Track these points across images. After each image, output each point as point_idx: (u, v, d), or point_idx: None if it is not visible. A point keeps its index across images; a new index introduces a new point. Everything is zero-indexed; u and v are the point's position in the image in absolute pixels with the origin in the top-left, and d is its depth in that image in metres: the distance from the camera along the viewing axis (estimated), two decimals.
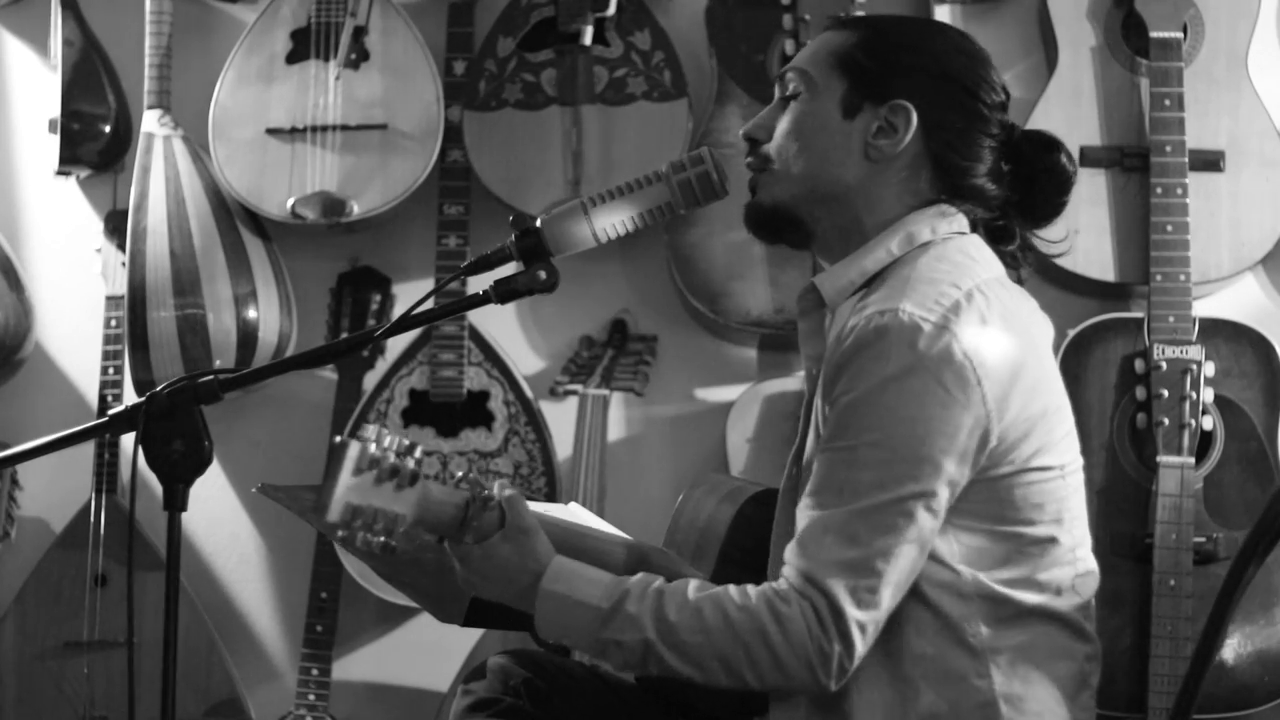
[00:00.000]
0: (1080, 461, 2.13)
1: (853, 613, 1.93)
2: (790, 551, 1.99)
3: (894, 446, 1.95)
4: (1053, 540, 2.05)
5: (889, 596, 1.95)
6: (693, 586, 2.00)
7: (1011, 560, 2.02)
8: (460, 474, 2.02)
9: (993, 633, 2.01)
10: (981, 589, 2.01)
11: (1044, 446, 2.03)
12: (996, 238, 2.17)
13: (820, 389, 2.03)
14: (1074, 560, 2.08)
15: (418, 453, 1.93)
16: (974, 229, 2.15)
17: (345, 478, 1.87)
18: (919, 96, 2.11)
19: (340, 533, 1.90)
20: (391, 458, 1.91)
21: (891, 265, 2.09)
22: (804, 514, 1.99)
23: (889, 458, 1.95)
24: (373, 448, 1.89)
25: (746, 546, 2.18)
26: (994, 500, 2.01)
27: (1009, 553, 2.02)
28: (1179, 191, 3.35)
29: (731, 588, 1.99)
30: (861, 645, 1.95)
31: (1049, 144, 2.18)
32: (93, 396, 3.89)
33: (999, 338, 1.99)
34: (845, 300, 2.11)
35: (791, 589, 1.96)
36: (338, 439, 1.89)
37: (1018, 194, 2.16)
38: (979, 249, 2.12)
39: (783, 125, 2.17)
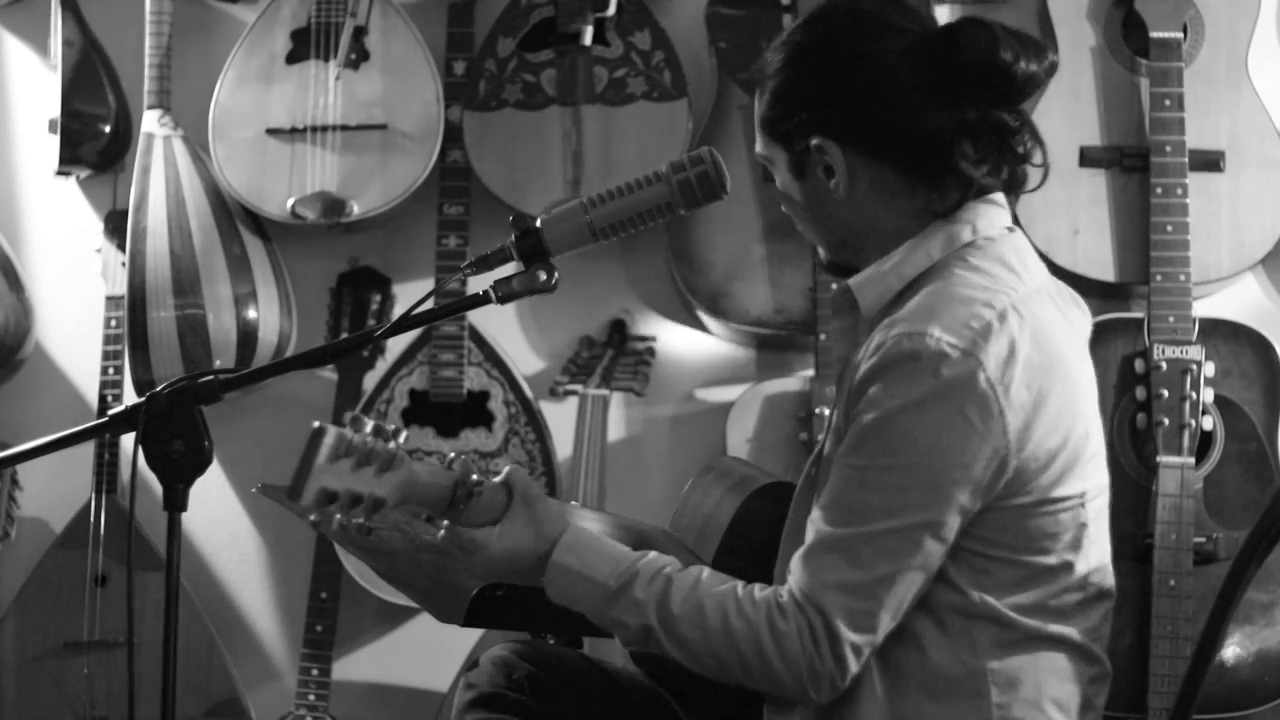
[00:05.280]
0: (1105, 482, 2.11)
1: (848, 635, 1.95)
2: (795, 563, 2.00)
3: (909, 473, 1.94)
4: (1066, 568, 2.03)
5: (887, 621, 1.96)
6: (704, 577, 2.01)
7: (1022, 585, 2.01)
8: (450, 456, 2.02)
9: (996, 654, 2.01)
10: (989, 611, 2.00)
11: (1065, 475, 2.01)
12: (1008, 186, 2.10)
13: (845, 397, 2.02)
14: (1086, 586, 2.06)
15: (401, 437, 1.93)
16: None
17: (320, 463, 1.86)
18: (826, 127, 2.06)
19: (313, 517, 1.89)
20: (370, 441, 1.90)
21: (930, 270, 2.05)
22: (813, 527, 2.00)
23: (903, 484, 1.94)
24: (350, 433, 1.88)
25: (747, 539, 2.18)
26: (1008, 529, 2.00)
27: (1020, 578, 2.01)
28: (1179, 191, 3.35)
29: (739, 589, 2.00)
30: (855, 665, 1.96)
31: (951, 33, 2.02)
32: (93, 396, 3.89)
33: (1027, 365, 1.96)
34: (881, 306, 2.09)
35: (792, 603, 1.97)
36: (315, 424, 1.87)
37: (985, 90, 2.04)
38: (1021, 255, 2.08)
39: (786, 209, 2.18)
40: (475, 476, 2.00)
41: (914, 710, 2.00)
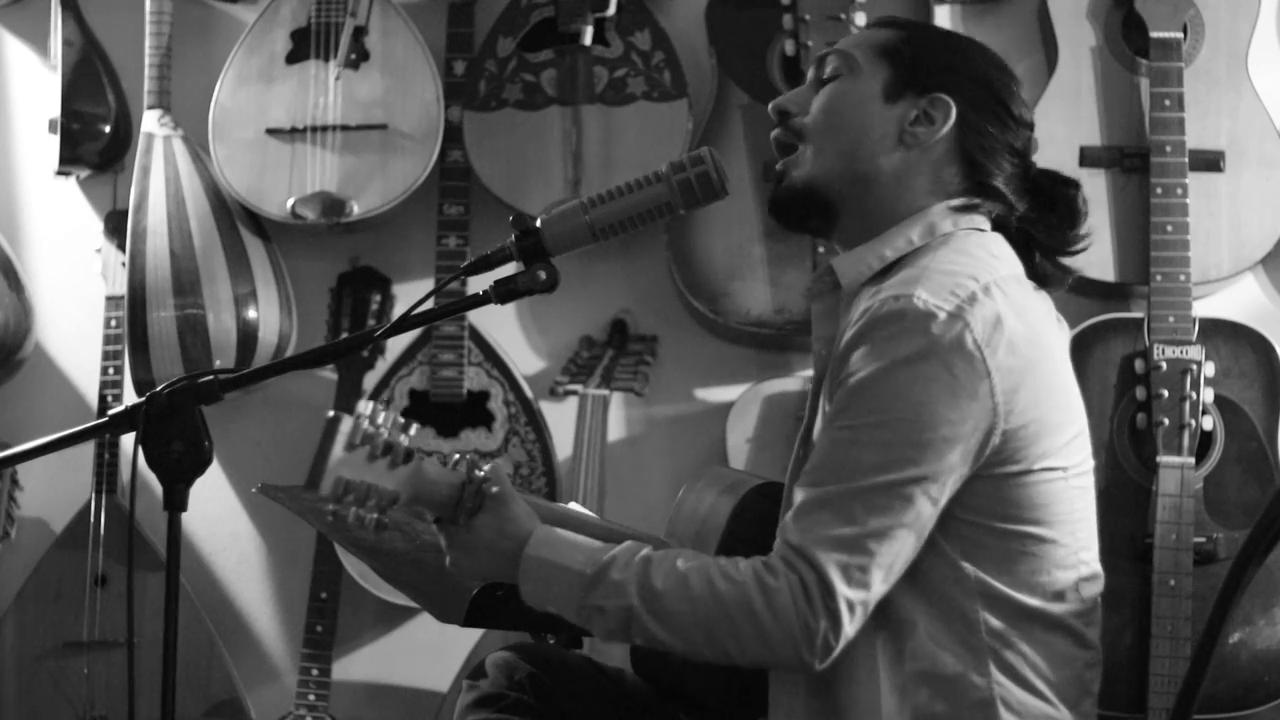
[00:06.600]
0: (1090, 464, 2.13)
1: (842, 590, 1.93)
2: (784, 523, 1.99)
3: (898, 429, 1.95)
4: (1055, 542, 2.05)
5: (880, 579, 1.95)
6: (682, 557, 2.00)
7: (1013, 560, 2.02)
8: (457, 456, 2.03)
9: (993, 634, 2.01)
10: (984, 587, 2.01)
11: (1051, 449, 2.03)
12: (1018, 245, 2.19)
13: (829, 370, 2.04)
14: (1076, 564, 2.08)
15: (413, 430, 1.94)
16: (996, 228, 2.16)
17: (337, 452, 1.87)
18: (958, 95, 2.13)
19: (332, 507, 1.90)
20: (385, 434, 1.91)
21: (910, 254, 2.10)
22: (801, 490, 2.00)
23: (892, 440, 1.95)
24: (366, 423, 1.89)
25: (746, 539, 2.18)
26: (998, 499, 2.01)
27: (1011, 552, 2.02)
28: (1179, 191, 3.35)
29: (721, 559, 1.99)
30: (849, 625, 1.94)
31: (1067, 180, 2.20)
32: (93, 396, 3.89)
33: (1012, 334, 1.99)
34: (861, 285, 2.12)
35: (781, 561, 1.95)
36: (331, 413, 1.89)
37: (1035, 213, 2.18)
38: (999, 246, 2.13)
39: (821, 101, 2.18)
40: (480, 473, 2.01)
41: (915, 691, 2.00)
